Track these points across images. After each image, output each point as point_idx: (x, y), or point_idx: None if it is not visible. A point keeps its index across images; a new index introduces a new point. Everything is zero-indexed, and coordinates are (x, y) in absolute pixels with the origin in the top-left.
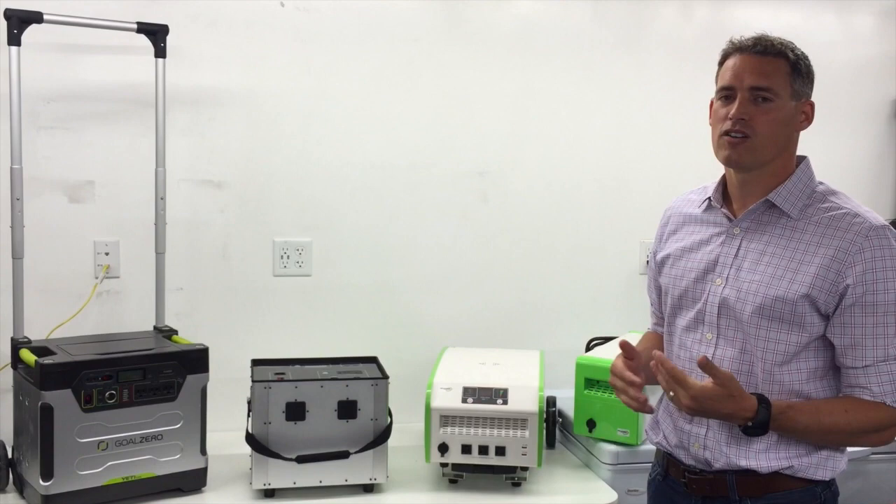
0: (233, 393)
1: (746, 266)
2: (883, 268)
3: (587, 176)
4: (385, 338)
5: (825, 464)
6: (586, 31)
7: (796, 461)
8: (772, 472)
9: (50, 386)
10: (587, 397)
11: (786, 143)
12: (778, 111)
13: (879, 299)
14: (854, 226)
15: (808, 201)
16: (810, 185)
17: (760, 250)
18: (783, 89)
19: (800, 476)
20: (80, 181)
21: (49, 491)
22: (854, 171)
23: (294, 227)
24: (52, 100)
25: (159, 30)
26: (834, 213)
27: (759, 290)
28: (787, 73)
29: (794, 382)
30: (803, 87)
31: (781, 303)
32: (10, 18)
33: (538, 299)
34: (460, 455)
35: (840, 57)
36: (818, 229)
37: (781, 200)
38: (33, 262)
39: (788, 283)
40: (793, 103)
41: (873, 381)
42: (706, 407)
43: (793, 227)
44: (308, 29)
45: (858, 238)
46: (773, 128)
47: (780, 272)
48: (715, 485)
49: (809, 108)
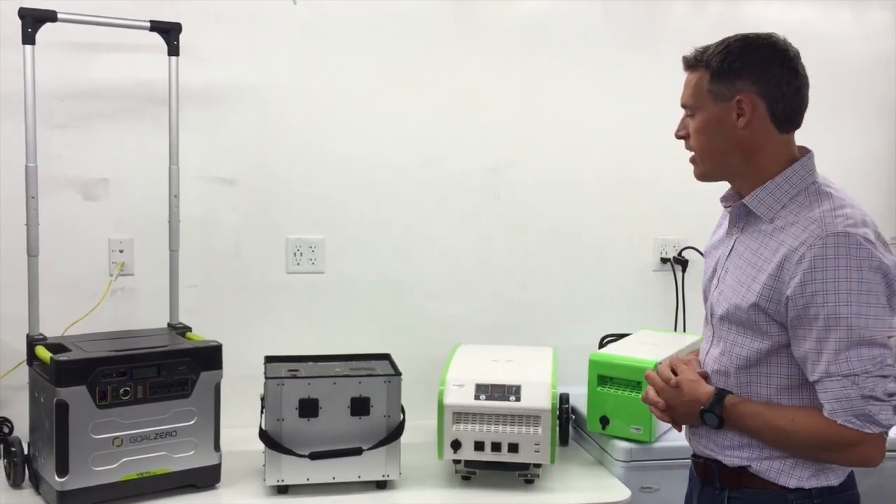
0: (246, 390)
1: (730, 269)
2: (823, 279)
3: (599, 172)
4: (398, 334)
5: (791, 471)
6: (596, 26)
7: (756, 462)
8: (737, 466)
9: (65, 382)
10: (600, 394)
11: (729, 150)
12: (701, 121)
13: (820, 312)
14: (805, 232)
15: (788, 203)
16: (798, 185)
17: (740, 253)
18: (702, 99)
19: (762, 477)
20: (95, 179)
21: (64, 487)
22: (868, 165)
23: (306, 225)
24: (66, 98)
25: (172, 28)
26: (798, 218)
27: (728, 295)
28: (706, 81)
29: (763, 388)
30: (728, 87)
31: (737, 309)
32: (24, 17)
33: (551, 296)
34: (473, 452)
35: (854, 51)
36: (780, 235)
37: (756, 204)
38: (48, 260)
39: (745, 291)
40: (718, 106)
41: (824, 397)
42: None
43: (765, 232)
44: (319, 26)
45: (803, 247)
46: (702, 138)
47: (743, 278)
48: (706, 471)
49: (744, 99)
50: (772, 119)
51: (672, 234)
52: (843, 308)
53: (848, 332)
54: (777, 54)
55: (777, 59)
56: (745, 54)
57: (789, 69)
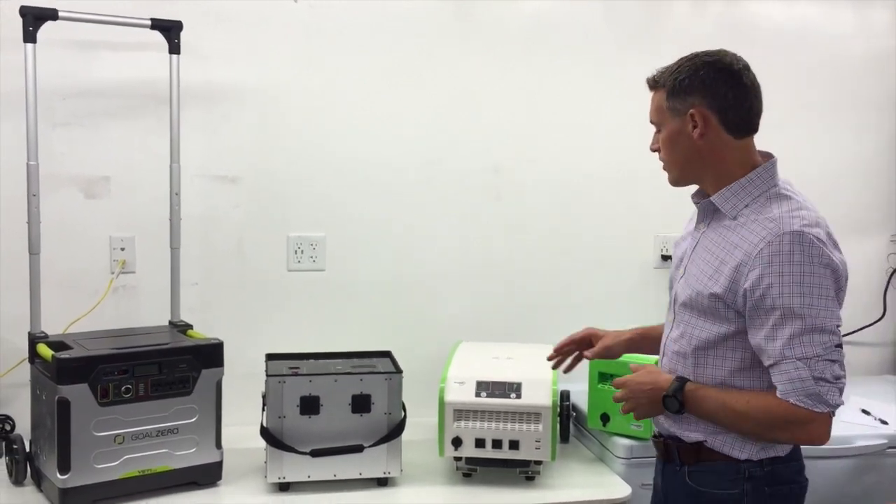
0: (247, 387)
1: (696, 260)
2: (779, 272)
3: (599, 171)
4: (399, 332)
5: (741, 444)
6: (598, 26)
7: (710, 437)
8: (694, 442)
9: (66, 380)
10: (601, 391)
11: (690, 158)
12: (665, 135)
13: (775, 303)
14: (763, 230)
15: (751, 203)
16: (761, 187)
17: (706, 247)
18: (663, 115)
19: (716, 450)
20: (96, 177)
21: (66, 484)
22: (869, 163)
23: (308, 223)
24: (67, 96)
25: (173, 26)
26: (758, 217)
27: (692, 284)
28: (664, 100)
29: (718, 369)
30: (682, 102)
31: (700, 297)
32: (25, 16)
33: (552, 293)
34: (474, 449)
35: (855, 50)
36: (741, 231)
37: (721, 202)
38: (50, 258)
39: (707, 280)
40: (676, 121)
41: (777, 379)
42: (630, 384)
43: (728, 228)
44: (320, 25)
45: (761, 243)
46: (668, 149)
47: (706, 269)
48: (666, 450)
49: (696, 113)
50: (725, 128)
51: (672, 231)
52: (796, 299)
53: (801, 320)
54: (723, 70)
55: (723, 74)
56: (694, 72)
57: (735, 82)
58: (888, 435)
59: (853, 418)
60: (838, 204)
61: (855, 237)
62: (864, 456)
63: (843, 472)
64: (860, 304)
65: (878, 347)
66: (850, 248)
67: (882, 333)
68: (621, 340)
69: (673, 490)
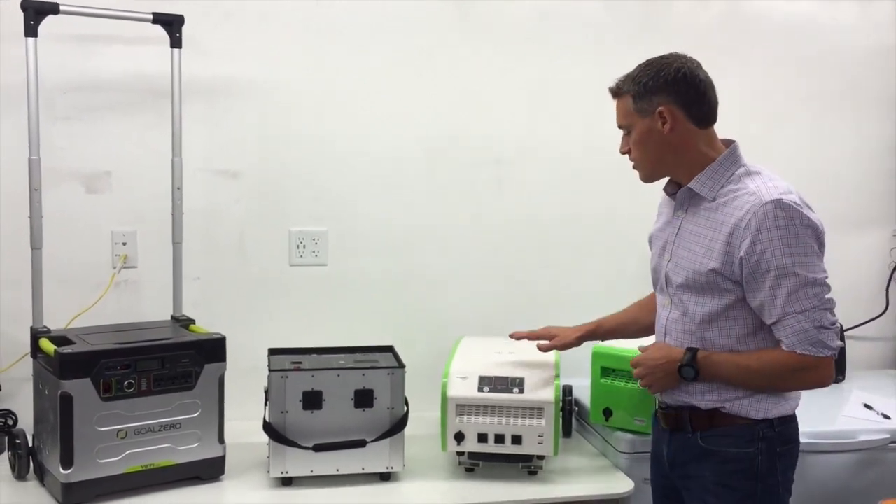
0: (250, 382)
1: (681, 244)
2: (768, 238)
3: (603, 164)
4: (401, 327)
5: (756, 405)
6: (601, 20)
7: (729, 403)
8: (711, 408)
9: (69, 375)
10: (603, 386)
11: (663, 152)
12: (635, 135)
13: (770, 266)
14: (747, 203)
15: (725, 183)
16: (731, 168)
17: (690, 230)
18: (631, 118)
19: (734, 414)
20: (98, 171)
21: (69, 479)
22: (871, 158)
23: (310, 217)
24: (68, 90)
25: (175, 20)
26: (738, 193)
27: (685, 265)
28: (630, 104)
29: (725, 339)
30: (648, 103)
31: (697, 275)
32: (26, 10)
33: (554, 288)
34: (476, 444)
35: (858, 43)
36: (724, 209)
37: (699, 186)
38: (52, 253)
39: (702, 259)
40: (645, 120)
41: (782, 334)
42: (645, 362)
43: (710, 209)
44: (323, 20)
45: (748, 215)
46: (639, 149)
47: (698, 248)
48: (676, 419)
49: (664, 111)
50: (691, 120)
51: None
52: (787, 259)
53: (796, 277)
54: (681, 70)
55: (681, 73)
56: (656, 75)
57: (693, 79)
58: (891, 430)
59: (856, 413)
60: (840, 198)
61: (857, 232)
62: (866, 451)
63: (846, 466)
64: (862, 299)
65: (881, 342)
66: (852, 243)
67: (884, 328)
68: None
69: (683, 455)
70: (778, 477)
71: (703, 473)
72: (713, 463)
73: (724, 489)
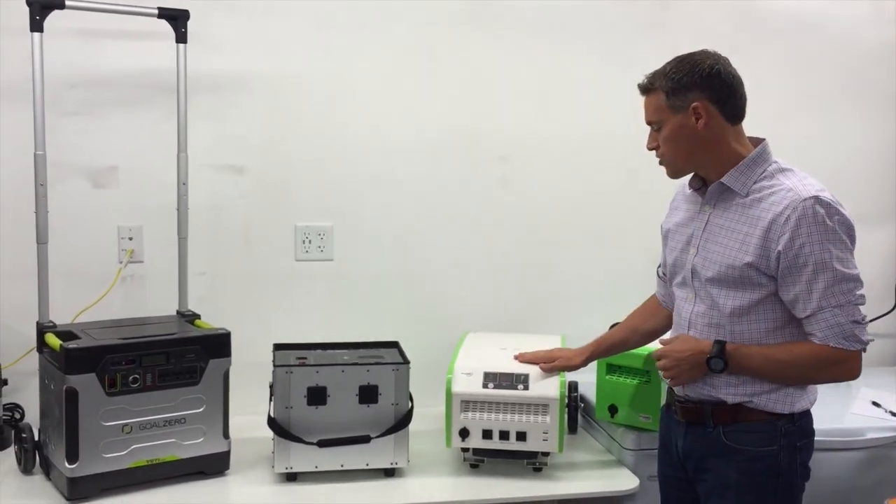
0: (255, 377)
1: (711, 238)
2: (808, 233)
3: (609, 160)
4: (407, 322)
5: (783, 399)
6: (609, 14)
7: (756, 397)
8: (736, 403)
9: (74, 370)
10: (609, 383)
11: (696, 148)
12: (667, 131)
13: (807, 260)
14: (785, 199)
15: (758, 179)
16: (763, 165)
17: (721, 224)
18: (663, 114)
19: (760, 409)
20: (104, 166)
21: (74, 473)
22: (880, 152)
23: (316, 212)
24: (75, 86)
25: (180, 15)
26: (773, 190)
27: (716, 259)
28: (662, 100)
29: (753, 332)
30: (682, 99)
31: (732, 269)
32: (32, 5)
33: (560, 283)
34: (481, 440)
35: (866, 38)
36: (760, 205)
37: (732, 182)
38: (58, 248)
39: (736, 253)
40: (678, 116)
41: (815, 328)
42: (671, 354)
43: (743, 204)
44: (328, 13)
45: (787, 210)
46: (670, 145)
47: (731, 243)
48: (697, 413)
49: (699, 107)
50: (724, 116)
51: None
52: (826, 254)
53: (833, 272)
54: (713, 67)
55: (715, 69)
56: (690, 71)
57: (726, 75)
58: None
59: (864, 410)
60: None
61: (865, 228)
62: (874, 448)
63: (853, 464)
64: (870, 296)
65: (889, 339)
66: (860, 239)
67: (892, 326)
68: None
69: (701, 449)
70: (798, 470)
71: (722, 469)
72: (735, 460)
73: (745, 486)
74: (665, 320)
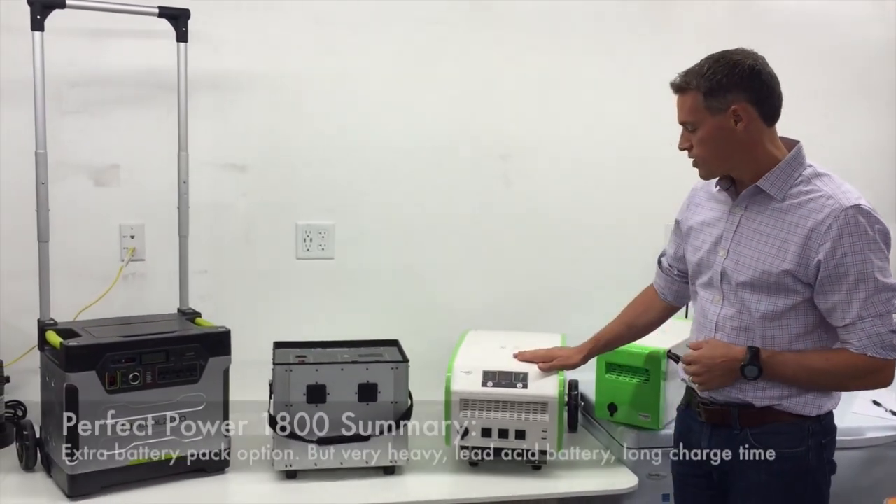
0: (256, 375)
1: (743, 241)
2: (850, 243)
3: (610, 158)
4: (408, 320)
5: (812, 402)
6: (610, 11)
7: (785, 400)
8: (765, 406)
9: (75, 367)
10: (608, 381)
11: (733, 150)
12: (703, 132)
13: (849, 270)
14: (825, 208)
15: (794, 184)
16: (798, 169)
17: (754, 228)
18: (699, 115)
19: (789, 411)
20: (106, 165)
21: (74, 470)
22: (886, 150)
23: (317, 211)
24: (77, 84)
25: (181, 14)
26: (812, 196)
27: (750, 264)
28: (699, 101)
29: (783, 337)
30: (721, 101)
31: (768, 275)
32: (33, 4)
33: (561, 282)
34: (480, 438)
35: (871, 35)
36: (798, 211)
37: (768, 185)
38: (60, 246)
39: (773, 259)
40: (716, 118)
41: (853, 337)
42: (702, 360)
43: (779, 209)
44: (332, 12)
45: (828, 219)
46: (706, 147)
47: (768, 248)
48: (723, 415)
49: (739, 109)
50: (762, 118)
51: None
52: (868, 265)
53: (874, 282)
54: (753, 66)
55: (755, 69)
56: (729, 71)
57: (763, 74)
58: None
59: (864, 410)
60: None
61: None
62: (874, 447)
63: (853, 463)
64: None
65: None
66: None
67: None
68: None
69: (727, 450)
70: (825, 467)
71: (750, 471)
72: (764, 463)
73: (774, 488)
74: (662, 313)
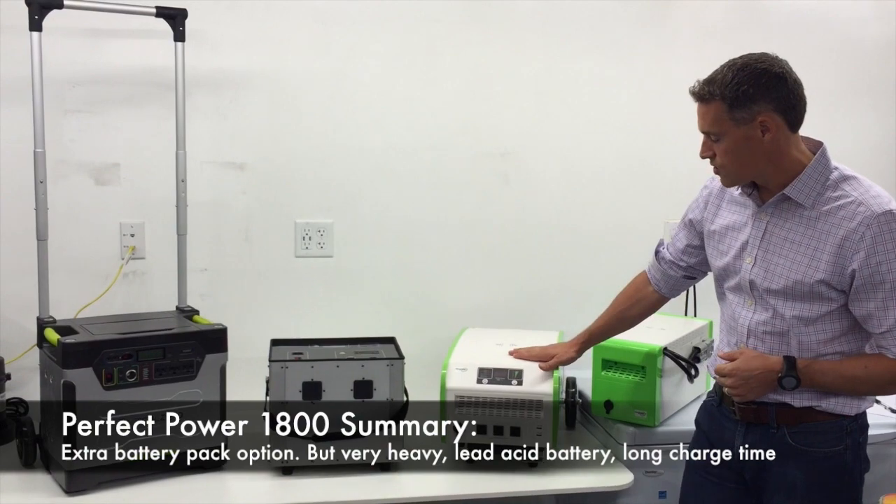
0: (254, 372)
1: (771, 249)
2: (885, 251)
3: (609, 157)
4: (406, 318)
5: (850, 401)
6: (609, 9)
7: (824, 401)
8: (804, 406)
9: (72, 364)
10: (604, 378)
11: (759, 160)
12: (728, 143)
13: (885, 278)
14: (858, 215)
15: (822, 190)
16: (825, 173)
17: (783, 237)
18: (723, 125)
19: (828, 411)
20: (106, 164)
21: (72, 467)
22: (888, 149)
23: (316, 209)
24: (77, 84)
25: (178, 14)
26: (842, 203)
27: (781, 273)
28: (723, 111)
29: (819, 341)
30: (748, 111)
31: (801, 285)
32: (31, 4)
33: (559, 280)
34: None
35: (872, 33)
36: (829, 219)
37: (796, 193)
38: (61, 244)
39: (806, 269)
40: (742, 129)
41: (891, 343)
42: (738, 373)
43: (808, 217)
44: (328, 10)
45: (861, 227)
46: (731, 157)
47: (800, 258)
48: (759, 414)
49: (766, 119)
50: (787, 125)
51: None
52: None
53: None
54: (778, 73)
55: (780, 78)
56: (756, 80)
57: (789, 80)
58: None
59: None
60: None
61: None
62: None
63: None
64: None
65: None
66: None
67: None
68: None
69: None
70: (862, 464)
71: (788, 470)
72: (802, 461)
73: (813, 487)
74: (654, 304)
